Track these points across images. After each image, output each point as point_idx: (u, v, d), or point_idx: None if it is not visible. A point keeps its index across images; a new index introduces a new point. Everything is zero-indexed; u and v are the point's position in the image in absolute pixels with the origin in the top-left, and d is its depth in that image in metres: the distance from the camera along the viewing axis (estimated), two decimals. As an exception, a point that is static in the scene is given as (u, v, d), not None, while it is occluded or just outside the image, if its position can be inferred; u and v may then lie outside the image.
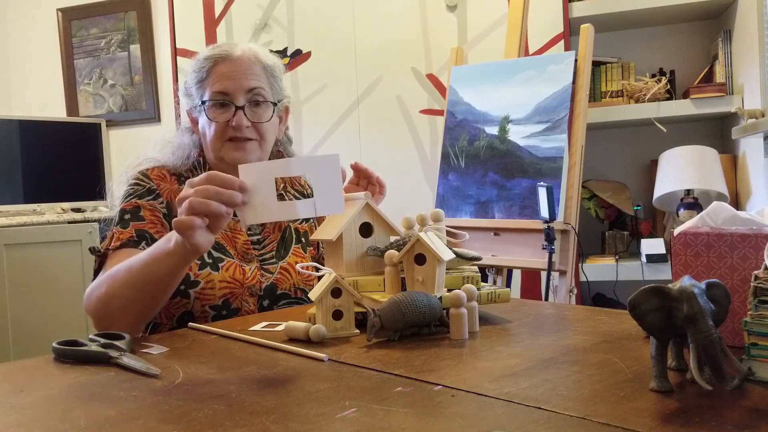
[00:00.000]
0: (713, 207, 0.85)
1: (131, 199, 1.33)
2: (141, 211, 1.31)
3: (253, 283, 1.33)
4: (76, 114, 3.72)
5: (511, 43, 2.27)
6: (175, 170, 1.40)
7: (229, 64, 1.36)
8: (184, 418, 0.66)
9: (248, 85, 1.35)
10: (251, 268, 1.34)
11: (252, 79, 1.36)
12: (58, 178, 3.31)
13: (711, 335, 0.63)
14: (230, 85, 1.34)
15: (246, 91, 1.35)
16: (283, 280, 1.37)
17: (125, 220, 1.30)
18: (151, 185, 1.35)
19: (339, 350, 0.91)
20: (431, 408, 0.66)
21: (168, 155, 1.41)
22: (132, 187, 1.35)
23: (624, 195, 2.76)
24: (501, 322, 1.05)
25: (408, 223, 1.11)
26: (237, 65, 1.36)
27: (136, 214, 1.31)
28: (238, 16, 2.99)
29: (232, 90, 1.34)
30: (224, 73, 1.35)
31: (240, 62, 1.36)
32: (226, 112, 1.35)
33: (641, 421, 0.59)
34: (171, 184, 1.37)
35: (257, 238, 1.40)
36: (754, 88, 2.35)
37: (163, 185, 1.36)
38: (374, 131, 2.83)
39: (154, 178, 1.36)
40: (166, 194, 1.35)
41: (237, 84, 1.34)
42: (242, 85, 1.35)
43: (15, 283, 2.86)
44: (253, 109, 1.37)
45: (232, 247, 1.35)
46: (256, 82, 1.37)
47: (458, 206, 2.20)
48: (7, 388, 0.81)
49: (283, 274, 1.37)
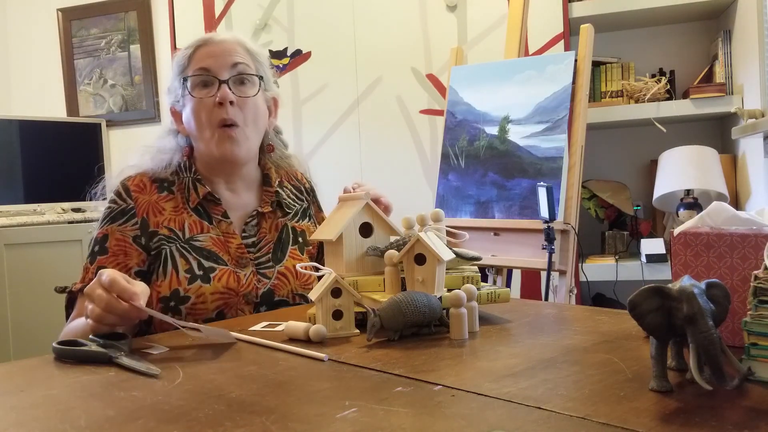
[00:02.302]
0: (713, 207, 0.85)
1: (105, 224, 1.29)
2: (107, 241, 1.28)
3: (248, 291, 1.28)
4: (76, 114, 3.72)
5: (511, 43, 2.27)
6: (155, 176, 1.34)
7: (211, 47, 1.32)
8: (184, 418, 0.66)
9: (232, 60, 1.31)
10: (246, 274, 1.30)
11: (236, 56, 1.32)
12: (58, 178, 3.30)
13: (711, 335, 0.63)
14: (212, 62, 1.30)
15: (230, 66, 1.31)
16: (281, 286, 1.32)
17: (94, 253, 1.28)
18: (126, 204, 1.30)
19: (339, 350, 0.91)
20: (431, 408, 0.66)
21: (147, 161, 1.36)
22: (109, 206, 1.31)
23: (624, 195, 2.76)
24: (501, 322, 1.05)
25: (408, 223, 1.11)
26: (219, 46, 1.32)
27: (103, 245, 1.28)
28: (238, 16, 2.99)
29: (215, 66, 1.30)
30: (206, 54, 1.31)
31: (222, 44, 1.32)
32: (209, 90, 1.30)
33: (641, 421, 0.59)
34: (150, 194, 1.32)
35: (252, 240, 1.35)
36: (753, 88, 2.35)
37: (141, 198, 1.31)
38: (374, 131, 2.83)
39: (133, 190, 1.31)
40: (142, 210, 1.30)
41: (220, 60, 1.30)
42: (225, 61, 1.30)
43: (15, 283, 2.86)
44: (238, 86, 1.32)
45: (225, 253, 1.30)
46: (240, 58, 1.32)
47: (458, 206, 2.20)
48: (7, 388, 0.81)
49: (280, 280, 1.33)
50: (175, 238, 1.29)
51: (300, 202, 1.48)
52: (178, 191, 1.34)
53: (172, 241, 1.28)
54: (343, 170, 2.82)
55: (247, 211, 1.38)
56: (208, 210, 1.34)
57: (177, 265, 1.26)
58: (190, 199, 1.33)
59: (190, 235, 1.30)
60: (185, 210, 1.32)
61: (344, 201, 1.16)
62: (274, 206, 1.41)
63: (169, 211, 1.31)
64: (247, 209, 1.38)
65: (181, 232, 1.30)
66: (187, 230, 1.30)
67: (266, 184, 1.42)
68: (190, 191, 1.34)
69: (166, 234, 1.29)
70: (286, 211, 1.42)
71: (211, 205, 1.34)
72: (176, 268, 1.26)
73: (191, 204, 1.33)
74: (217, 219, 1.33)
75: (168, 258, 1.27)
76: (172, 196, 1.33)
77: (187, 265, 1.26)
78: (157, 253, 1.28)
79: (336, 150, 2.87)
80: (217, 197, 1.35)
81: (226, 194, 1.37)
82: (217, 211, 1.34)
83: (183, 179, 1.35)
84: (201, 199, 1.33)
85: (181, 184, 1.35)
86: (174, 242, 1.28)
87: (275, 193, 1.41)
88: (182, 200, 1.33)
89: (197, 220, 1.32)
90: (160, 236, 1.28)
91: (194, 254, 1.28)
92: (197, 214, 1.33)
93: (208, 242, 1.30)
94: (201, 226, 1.31)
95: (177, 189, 1.34)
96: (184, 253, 1.28)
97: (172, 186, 1.34)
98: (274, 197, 1.41)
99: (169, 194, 1.33)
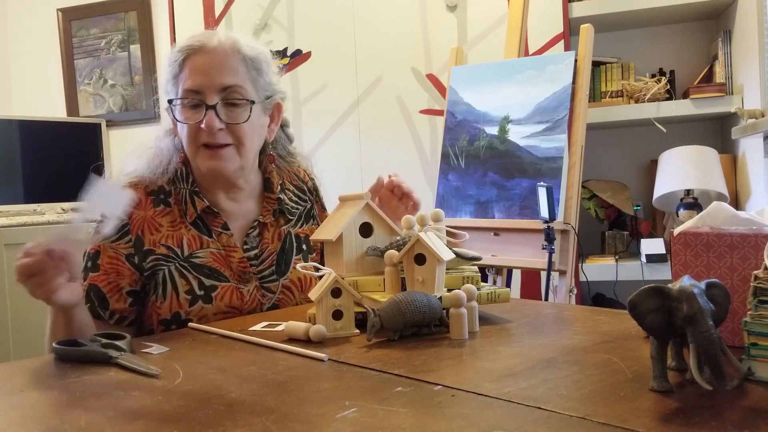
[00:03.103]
0: (713, 207, 0.85)
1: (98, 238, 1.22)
2: (100, 258, 1.23)
3: (253, 308, 1.26)
4: (76, 114, 3.72)
5: (511, 43, 2.27)
6: (151, 185, 1.28)
7: (203, 56, 1.22)
8: (184, 418, 0.66)
9: (222, 82, 1.21)
10: (249, 290, 1.27)
11: (227, 74, 1.22)
12: (58, 178, 3.30)
13: (711, 335, 0.63)
14: (202, 81, 1.21)
15: (219, 89, 1.22)
16: (286, 301, 1.30)
17: (86, 269, 1.23)
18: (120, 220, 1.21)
19: (339, 350, 0.91)
20: (431, 408, 0.66)
21: (143, 167, 1.29)
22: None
23: (624, 195, 2.76)
24: (501, 322, 1.05)
25: (408, 223, 1.11)
26: (212, 57, 1.22)
27: (95, 261, 1.23)
28: (238, 16, 2.99)
29: (204, 87, 1.21)
30: (197, 67, 1.22)
31: (215, 54, 1.22)
32: (197, 113, 1.22)
33: (641, 421, 0.59)
34: (146, 209, 1.25)
35: (254, 253, 1.30)
36: (753, 88, 2.35)
37: (136, 214, 1.24)
38: (374, 131, 2.83)
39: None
40: (137, 227, 1.24)
41: (209, 80, 1.21)
42: (215, 83, 1.21)
43: (15, 283, 2.83)
44: (228, 109, 1.23)
45: (227, 268, 1.26)
46: (233, 78, 1.23)
47: (458, 206, 2.20)
48: (7, 388, 0.81)
49: (285, 294, 1.30)
50: (173, 256, 1.24)
51: (303, 203, 1.43)
52: (175, 204, 1.28)
53: (171, 260, 1.24)
54: (343, 170, 2.82)
55: (248, 221, 1.33)
56: (207, 223, 1.28)
57: (177, 286, 1.22)
58: (188, 214, 1.27)
59: (189, 251, 1.25)
60: (183, 225, 1.27)
61: (344, 201, 1.16)
62: (276, 215, 1.36)
63: (166, 227, 1.26)
64: (248, 218, 1.33)
65: (179, 249, 1.25)
66: (186, 247, 1.25)
67: (268, 190, 1.37)
68: (187, 204, 1.28)
69: (164, 253, 1.24)
70: (289, 218, 1.38)
71: (210, 218, 1.29)
72: (176, 289, 1.22)
73: (189, 219, 1.27)
74: (217, 232, 1.28)
75: (167, 279, 1.23)
76: (169, 210, 1.27)
77: (187, 286, 1.23)
78: (152, 273, 1.23)
79: (336, 150, 2.87)
80: (216, 210, 1.29)
81: (226, 204, 1.32)
82: (217, 224, 1.29)
83: (180, 190, 1.29)
84: (198, 213, 1.28)
85: (178, 195, 1.28)
86: (173, 261, 1.24)
87: (277, 200, 1.36)
88: (180, 214, 1.27)
89: (196, 234, 1.27)
90: (158, 255, 1.23)
91: (194, 273, 1.24)
92: (196, 228, 1.27)
93: (209, 258, 1.26)
94: (200, 241, 1.27)
95: (174, 201, 1.28)
96: (183, 272, 1.23)
97: (169, 198, 1.28)
98: (276, 205, 1.36)
99: (166, 207, 1.27)
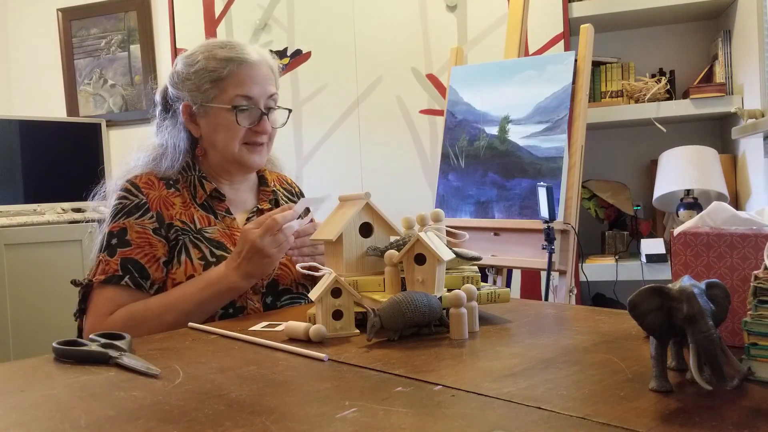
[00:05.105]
0: (713, 207, 0.85)
1: (119, 218, 1.32)
2: (128, 234, 1.31)
3: None
4: (76, 114, 3.72)
5: (511, 43, 2.27)
6: (161, 174, 1.39)
7: (250, 68, 1.40)
8: (184, 418, 0.66)
9: (269, 90, 1.42)
10: None
11: (271, 84, 1.43)
12: (58, 178, 3.30)
13: (711, 335, 0.63)
14: (255, 90, 1.39)
15: (267, 96, 1.41)
16: (284, 276, 1.39)
17: (112, 246, 1.30)
18: (139, 199, 1.34)
19: (339, 350, 0.91)
20: (431, 408, 0.66)
21: (149, 163, 1.40)
22: (120, 201, 1.33)
23: (624, 195, 2.76)
24: (501, 322, 1.05)
25: (408, 223, 1.11)
26: (257, 70, 1.40)
27: (123, 238, 1.30)
28: (238, 16, 2.99)
29: (257, 95, 1.39)
30: (248, 77, 1.39)
31: (259, 67, 1.41)
32: (249, 117, 1.40)
33: (641, 421, 0.59)
34: (159, 190, 1.37)
35: None
36: (753, 88, 2.35)
37: (152, 193, 1.35)
38: (374, 131, 2.83)
39: (143, 187, 1.35)
40: (155, 204, 1.34)
41: (261, 89, 1.40)
42: (265, 91, 1.41)
43: (15, 283, 2.86)
44: (271, 113, 1.43)
45: (232, 245, 1.36)
46: (273, 87, 1.44)
47: (458, 206, 2.20)
48: (7, 388, 0.81)
49: (283, 270, 1.39)
50: (188, 230, 1.35)
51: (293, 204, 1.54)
52: (184, 188, 1.40)
53: (186, 232, 1.35)
54: (343, 170, 2.82)
55: (248, 208, 1.49)
56: (213, 206, 1.41)
57: (190, 254, 1.32)
58: (197, 195, 1.40)
59: (201, 227, 1.37)
60: (193, 205, 1.39)
61: (344, 201, 1.16)
62: (273, 203, 1.52)
63: (179, 205, 1.37)
64: (247, 206, 1.49)
65: (192, 224, 1.36)
66: (197, 222, 1.37)
67: (263, 184, 1.54)
68: (196, 188, 1.41)
69: (180, 226, 1.35)
70: None
71: (215, 202, 1.42)
72: (190, 256, 1.32)
73: (198, 200, 1.40)
74: (222, 215, 1.41)
75: (182, 248, 1.33)
76: (179, 193, 1.39)
77: (200, 254, 1.33)
78: (174, 243, 1.34)
79: (336, 150, 2.87)
80: (222, 194, 1.43)
81: (229, 192, 1.46)
82: (221, 208, 1.42)
83: (188, 177, 1.42)
84: (207, 196, 1.40)
85: (187, 182, 1.41)
86: (187, 234, 1.35)
87: (272, 192, 1.54)
88: (189, 196, 1.40)
89: (204, 214, 1.39)
90: (176, 228, 1.34)
91: (206, 243, 1.35)
92: (204, 209, 1.40)
93: (217, 234, 1.38)
94: (208, 220, 1.39)
95: (183, 186, 1.40)
96: (196, 243, 1.34)
97: (178, 184, 1.40)
98: (272, 195, 1.53)
99: (176, 191, 1.39)
